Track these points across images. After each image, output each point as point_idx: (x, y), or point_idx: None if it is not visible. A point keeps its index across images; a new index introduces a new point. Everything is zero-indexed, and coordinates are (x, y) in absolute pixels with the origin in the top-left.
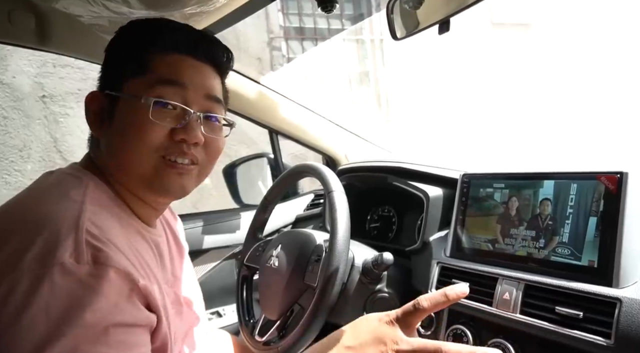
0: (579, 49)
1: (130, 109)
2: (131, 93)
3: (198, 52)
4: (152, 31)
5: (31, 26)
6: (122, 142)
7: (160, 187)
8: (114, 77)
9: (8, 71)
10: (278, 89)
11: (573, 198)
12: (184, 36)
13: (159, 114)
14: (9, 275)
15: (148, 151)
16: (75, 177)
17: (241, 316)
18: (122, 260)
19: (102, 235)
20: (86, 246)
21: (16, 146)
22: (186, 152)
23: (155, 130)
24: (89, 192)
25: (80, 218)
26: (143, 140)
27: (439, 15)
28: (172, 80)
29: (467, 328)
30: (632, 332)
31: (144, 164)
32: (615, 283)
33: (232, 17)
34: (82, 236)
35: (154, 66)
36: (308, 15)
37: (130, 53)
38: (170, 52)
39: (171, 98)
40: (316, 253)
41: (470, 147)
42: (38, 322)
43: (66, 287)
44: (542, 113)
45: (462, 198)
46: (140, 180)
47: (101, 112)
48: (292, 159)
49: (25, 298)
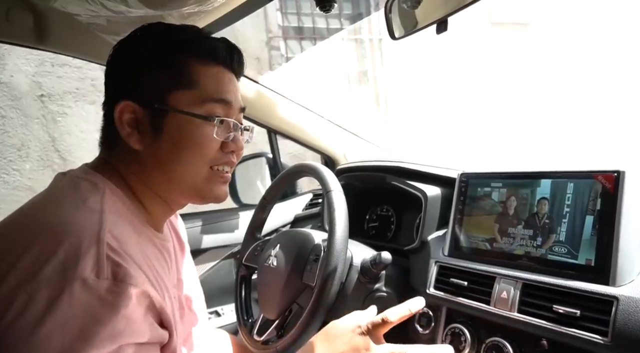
0: (577, 48)
1: (187, 125)
2: (178, 107)
3: (233, 63)
4: (189, 38)
5: (29, 25)
6: (177, 156)
7: (211, 195)
8: (154, 88)
9: (6, 70)
10: (277, 89)
11: (570, 197)
12: (220, 46)
13: (219, 131)
14: (29, 284)
15: (203, 164)
16: (91, 183)
17: (240, 315)
18: (140, 276)
19: (121, 248)
20: (107, 260)
21: (14, 145)
22: (233, 161)
23: (214, 146)
24: (107, 200)
25: (101, 231)
26: (202, 155)
27: (437, 15)
28: (223, 100)
29: (465, 327)
30: (629, 330)
31: (197, 176)
32: (612, 281)
33: (231, 16)
34: (104, 250)
35: (199, 80)
36: (307, 15)
37: (169, 61)
38: (209, 63)
39: (221, 113)
40: (315, 252)
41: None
42: (54, 337)
43: (85, 303)
44: (540, 112)
45: (460, 198)
46: (192, 190)
47: (137, 124)
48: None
49: (43, 311)
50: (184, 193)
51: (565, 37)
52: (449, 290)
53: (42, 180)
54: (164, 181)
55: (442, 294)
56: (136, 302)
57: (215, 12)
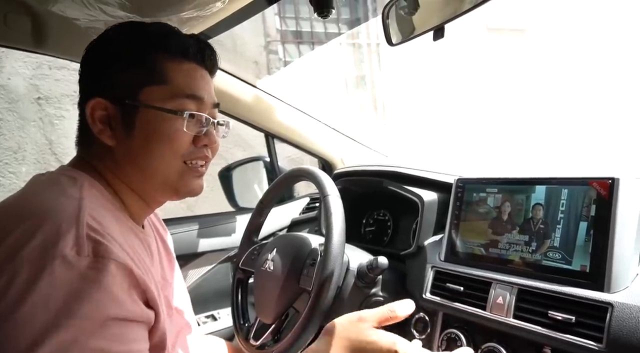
0: (573, 54)
1: (158, 120)
2: (149, 102)
3: (205, 59)
4: (160, 36)
5: (27, 29)
6: (149, 151)
7: (185, 189)
8: (125, 84)
9: (3, 73)
10: (274, 93)
11: (564, 203)
12: (191, 43)
13: (189, 125)
14: (8, 264)
15: (175, 158)
16: (70, 177)
17: (236, 319)
18: (122, 253)
19: (101, 228)
20: (87, 239)
21: (11, 148)
22: (207, 155)
23: (185, 140)
24: (85, 190)
25: (80, 212)
26: (174, 149)
27: (434, 22)
28: (194, 95)
29: (461, 332)
30: (623, 336)
31: (171, 170)
32: (607, 288)
33: (229, 21)
34: (83, 229)
35: (170, 76)
36: (305, 19)
37: (140, 58)
38: (180, 59)
39: (192, 108)
40: (311, 257)
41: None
42: (37, 313)
43: (66, 279)
44: (536, 118)
45: (457, 203)
46: (166, 185)
47: (109, 120)
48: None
49: (24, 289)
50: (158, 187)
51: (562, 43)
52: (445, 295)
53: None
54: (138, 176)
55: (438, 299)
56: (119, 277)
57: (213, 17)
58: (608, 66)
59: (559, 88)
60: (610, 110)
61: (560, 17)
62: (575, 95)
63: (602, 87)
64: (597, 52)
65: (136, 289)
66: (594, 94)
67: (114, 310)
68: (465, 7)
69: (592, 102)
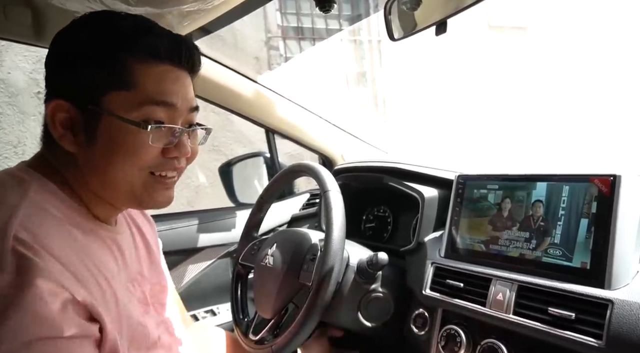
0: (575, 52)
1: (120, 131)
2: (113, 110)
3: (181, 59)
4: (127, 33)
5: (27, 21)
6: (110, 161)
7: (150, 201)
8: (88, 87)
9: (3, 66)
10: (275, 88)
11: (565, 200)
12: (164, 42)
13: (155, 137)
14: None
15: (139, 170)
16: (16, 178)
17: (235, 314)
18: (54, 269)
19: (34, 241)
20: (12, 254)
21: (10, 142)
22: (177, 166)
23: (151, 153)
24: (30, 195)
25: (8, 224)
26: (137, 162)
27: (436, 17)
28: (163, 102)
29: (460, 328)
30: (623, 333)
31: (134, 182)
32: (607, 285)
33: (230, 15)
34: (9, 243)
35: (138, 80)
36: (306, 15)
37: (105, 58)
38: (150, 60)
39: (161, 117)
40: (311, 252)
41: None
42: None
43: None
44: (537, 115)
45: (457, 199)
46: (129, 196)
47: (71, 125)
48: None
49: None
50: (122, 198)
51: (563, 41)
52: (445, 291)
53: None
54: (100, 186)
55: (438, 295)
56: (47, 296)
57: (214, 11)
58: (609, 64)
59: (560, 85)
60: (612, 108)
61: (562, 15)
62: (576, 93)
63: (603, 84)
64: (598, 49)
65: (74, 306)
66: (595, 91)
67: (39, 331)
68: (467, 2)
69: (594, 99)
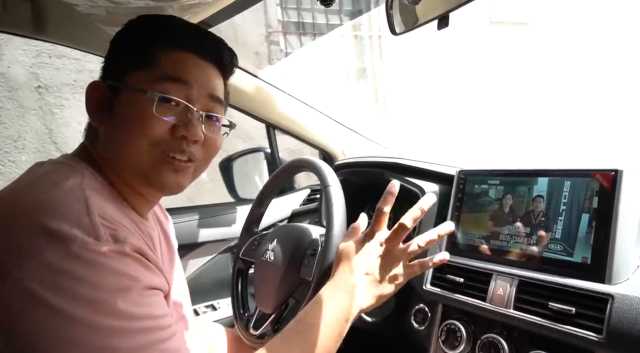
0: (576, 47)
1: (132, 102)
2: (135, 86)
3: (204, 51)
4: (159, 26)
5: (27, 14)
6: (121, 134)
7: (157, 181)
8: (117, 68)
9: (3, 61)
10: (276, 84)
11: (566, 195)
12: (191, 34)
13: (162, 109)
14: (26, 262)
15: (148, 145)
16: (69, 166)
17: (236, 309)
18: (134, 239)
19: (110, 218)
20: (102, 227)
21: (11, 137)
22: (185, 149)
23: (157, 125)
24: (86, 180)
25: (88, 203)
26: (144, 134)
27: (438, 11)
28: (177, 78)
29: (461, 323)
30: (623, 328)
31: (142, 157)
32: (607, 279)
33: (231, 9)
34: (95, 219)
35: (159, 61)
36: (306, 10)
37: (136, 45)
38: (176, 48)
39: (175, 95)
40: (312, 247)
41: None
42: (72, 300)
43: (93, 262)
44: (539, 110)
45: (458, 195)
46: (138, 173)
47: (102, 103)
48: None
49: (57, 282)
50: (133, 176)
51: (565, 36)
52: (445, 286)
53: None
54: (114, 161)
55: (439, 291)
56: (138, 257)
57: (215, 5)
58: (611, 59)
59: (562, 81)
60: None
61: (563, 10)
62: (578, 88)
63: (605, 79)
64: (600, 45)
65: (154, 264)
66: (596, 86)
67: (144, 281)
68: None
69: (595, 94)
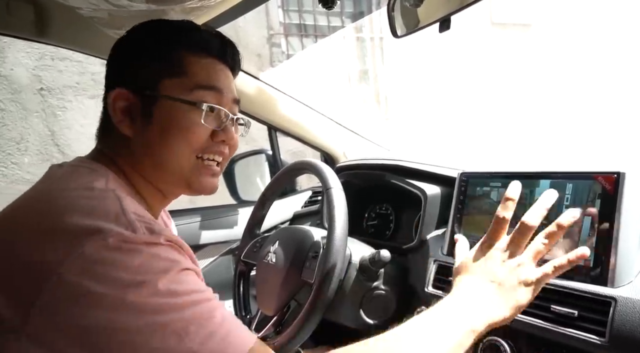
0: (578, 49)
1: (175, 111)
2: (171, 94)
3: (226, 56)
4: (183, 32)
5: (30, 18)
6: (164, 142)
7: (199, 186)
8: (146, 76)
9: (6, 63)
10: (277, 86)
11: (568, 197)
12: (215, 40)
13: (207, 118)
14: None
15: (190, 151)
16: (92, 169)
17: (238, 312)
18: (168, 232)
19: (143, 215)
20: (138, 222)
21: (13, 139)
22: (223, 151)
23: (202, 133)
24: (111, 182)
25: (122, 203)
26: (189, 142)
27: (439, 14)
28: (211, 86)
29: None
30: (626, 331)
31: (184, 164)
32: (610, 282)
33: (233, 12)
34: (131, 216)
35: (189, 69)
36: (308, 12)
37: (162, 53)
38: (202, 54)
39: (211, 101)
40: (314, 249)
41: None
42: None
43: (131, 250)
44: (541, 112)
45: (460, 197)
46: (179, 178)
47: (129, 111)
48: (291, 155)
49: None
50: (172, 181)
51: (567, 38)
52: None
53: (41, 174)
54: (152, 168)
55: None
56: (173, 244)
57: (217, 8)
58: (613, 60)
59: (564, 82)
60: (616, 105)
61: (565, 12)
62: (580, 90)
63: (607, 81)
64: (602, 46)
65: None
66: (599, 88)
67: (181, 265)
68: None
69: (597, 96)
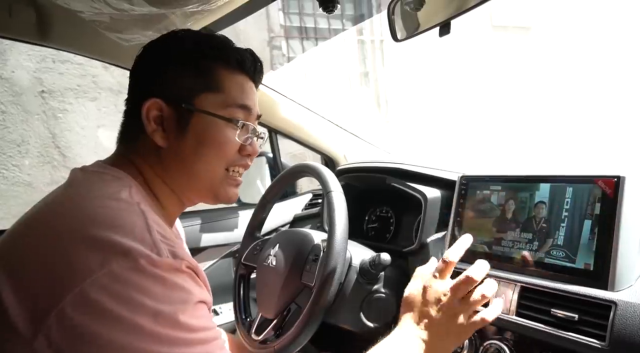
0: (578, 52)
1: (212, 126)
2: (205, 108)
3: (256, 75)
4: (220, 47)
5: (31, 21)
6: (198, 154)
7: (225, 196)
8: (181, 87)
9: (7, 66)
10: (278, 88)
11: (569, 201)
12: (247, 56)
13: (240, 134)
14: (90, 274)
15: (221, 164)
16: (115, 177)
17: (238, 314)
18: (187, 255)
19: (164, 233)
20: (162, 243)
21: (14, 141)
22: (247, 164)
23: (233, 148)
24: (135, 193)
25: (147, 220)
26: (222, 155)
27: (439, 18)
28: (244, 105)
29: None
30: (627, 335)
31: (215, 176)
32: (610, 286)
33: (233, 15)
34: (156, 236)
35: (225, 85)
36: (309, 15)
37: (200, 66)
38: (236, 71)
39: (241, 118)
40: (314, 252)
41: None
42: (138, 310)
43: (156, 275)
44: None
45: (460, 200)
46: (208, 189)
47: (162, 120)
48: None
49: (123, 293)
50: (200, 191)
51: (567, 41)
52: None
53: (42, 177)
54: (182, 178)
55: None
56: (191, 273)
57: (218, 11)
58: (614, 63)
59: (564, 85)
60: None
61: (566, 15)
62: (580, 93)
63: (607, 84)
64: (602, 49)
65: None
66: (599, 92)
67: (196, 297)
68: (471, 3)
69: (598, 99)
